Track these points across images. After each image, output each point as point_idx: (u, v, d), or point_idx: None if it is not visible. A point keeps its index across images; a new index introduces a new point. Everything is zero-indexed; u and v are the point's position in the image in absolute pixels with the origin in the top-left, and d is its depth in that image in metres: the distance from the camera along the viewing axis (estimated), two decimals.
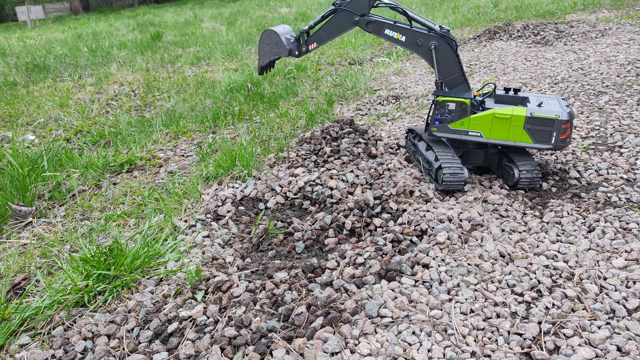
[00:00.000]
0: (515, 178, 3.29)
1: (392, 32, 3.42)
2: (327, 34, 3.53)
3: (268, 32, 3.61)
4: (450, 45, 3.31)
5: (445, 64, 3.37)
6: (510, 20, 9.57)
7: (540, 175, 3.35)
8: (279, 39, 3.55)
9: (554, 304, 2.28)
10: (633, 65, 5.65)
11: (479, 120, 3.27)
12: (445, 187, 3.31)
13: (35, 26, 25.32)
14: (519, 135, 3.22)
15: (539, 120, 3.15)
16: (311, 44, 3.58)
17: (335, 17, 3.47)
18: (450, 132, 3.40)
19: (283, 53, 3.61)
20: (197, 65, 9.78)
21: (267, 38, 3.65)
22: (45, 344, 2.33)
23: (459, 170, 3.26)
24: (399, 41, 3.42)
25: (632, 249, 2.59)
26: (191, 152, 4.90)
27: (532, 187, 3.34)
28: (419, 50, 3.39)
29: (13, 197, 3.92)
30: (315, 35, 3.55)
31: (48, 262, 3.07)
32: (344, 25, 3.47)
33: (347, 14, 3.43)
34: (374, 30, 3.44)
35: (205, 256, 2.91)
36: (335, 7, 3.46)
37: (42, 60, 11.23)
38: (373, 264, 2.65)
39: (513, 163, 3.34)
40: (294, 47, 3.62)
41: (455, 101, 3.32)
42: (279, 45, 3.58)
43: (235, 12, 19.39)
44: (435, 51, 3.33)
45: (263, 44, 3.66)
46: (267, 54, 3.65)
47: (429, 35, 3.32)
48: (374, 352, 2.06)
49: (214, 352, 2.12)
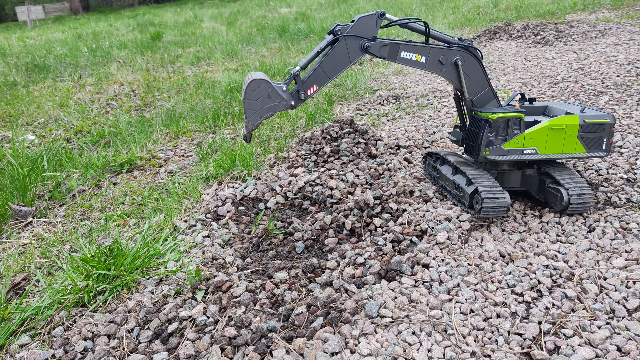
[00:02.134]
0: (565, 201, 2.88)
1: (409, 54, 2.88)
2: (330, 70, 2.83)
3: (256, 83, 2.68)
4: (477, 58, 2.96)
5: (474, 80, 2.99)
6: (510, 20, 9.57)
7: (592, 195, 2.99)
8: (272, 90, 2.72)
9: (554, 304, 2.28)
10: (633, 65, 5.65)
11: (534, 135, 2.92)
12: (485, 214, 2.86)
13: (35, 26, 25.32)
14: (573, 146, 2.94)
15: (591, 126, 2.91)
16: (309, 88, 2.82)
17: (337, 47, 2.79)
18: (505, 153, 2.95)
19: (280, 107, 2.78)
20: (197, 65, 9.78)
21: (254, 91, 2.70)
22: (45, 344, 2.33)
23: (499, 194, 2.83)
24: (418, 63, 2.92)
25: (632, 249, 2.59)
26: (191, 152, 4.90)
27: (584, 210, 2.94)
28: (442, 70, 2.95)
29: (13, 197, 3.92)
30: (314, 76, 2.81)
31: (48, 262, 3.07)
32: (350, 55, 2.83)
33: (353, 40, 2.80)
34: (388, 55, 2.86)
35: (205, 256, 2.91)
36: (335, 35, 2.80)
37: (42, 60, 11.23)
38: (373, 264, 2.65)
39: (559, 184, 2.95)
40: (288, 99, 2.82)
41: (511, 117, 2.91)
42: (273, 98, 2.73)
43: (235, 12, 19.39)
44: (462, 67, 2.94)
45: (250, 100, 2.70)
46: (258, 112, 2.72)
47: (452, 50, 2.90)
48: (374, 352, 2.06)
49: (214, 352, 2.12)
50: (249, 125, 2.80)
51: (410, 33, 8.86)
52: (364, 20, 2.79)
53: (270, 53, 10.26)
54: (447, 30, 9.58)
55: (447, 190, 3.31)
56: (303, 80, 2.81)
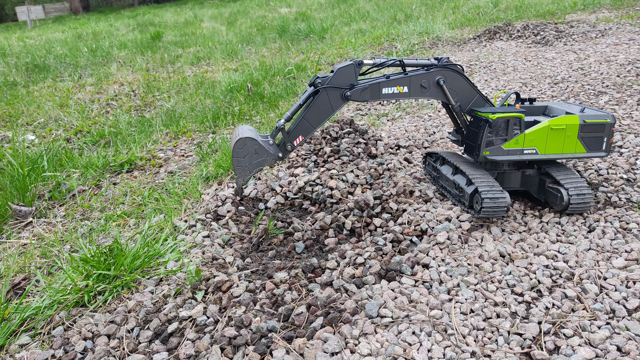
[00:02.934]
0: (565, 201, 2.89)
1: (390, 89, 2.93)
2: (313, 121, 2.87)
3: (242, 142, 2.76)
4: (457, 71, 2.99)
5: (460, 93, 3.04)
6: (510, 20, 9.57)
7: (592, 195, 2.99)
8: (258, 146, 2.78)
9: (554, 304, 2.28)
10: (633, 65, 5.65)
11: (534, 135, 2.93)
12: (485, 214, 2.87)
13: (35, 26, 25.32)
14: (573, 146, 2.95)
15: (591, 126, 2.92)
16: (295, 139, 2.86)
17: (319, 98, 2.83)
18: (505, 153, 2.96)
19: (268, 161, 2.84)
20: (197, 65, 9.78)
21: (241, 149, 2.78)
22: (45, 344, 2.33)
23: (499, 194, 2.84)
24: (402, 94, 2.95)
25: (632, 249, 2.59)
26: (191, 152, 4.90)
27: (584, 209, 2.95)
28: (427, 93, 2.98)
29: (13, 197, 3.92)
30: (299, 127, 2.85)
31: (48, 262, 3.07)
32: (332, 105, 2.87)
33: (333, 91, 2.84)
34: (371, 97, 2.92)
35: (205, 256, 2.91)
36: (315, 87, 2.84)
37: (42, 60, 11.23)
38: (373, 264, 2.65)
39: (559, 184, 2.96)
40: (276, 150, 2.88)
41: (510, 117, 2.92)
42: (260, 154, 2.79)
43: (235, 12, 19.39)
44: (445, 84, 2.97)
45: (238, 157, 2.79)
46: (247, 168, 2.81)
47: (431, 73, 2.94)
48: (374, 352, 2.06)
49: (214, 352, 2.12)
50: (239, 182, 2.88)
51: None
52: (342, 71, 2.84)
53: (270, 53, 10.26)
54: (447, 31, 9.59)
55: (447, 190, 3.30)
56: (288, 131, 2.86)
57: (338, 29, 11.78)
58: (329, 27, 12.07)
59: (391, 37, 9.87)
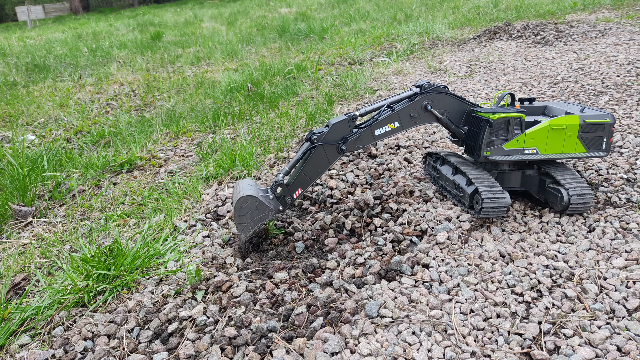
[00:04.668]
0: (565, 201, 2.90)
1: (382, 129, 2.99)
2: (311, 174, 2.93)
3: (243, 200, 2.80)
4: (441, 91, 3.03)
5: (452, 110, 3.08)
6: (510, 20, 9.57)
7: (592, 195, 3.00)
8: (259, 203, 2.83)
9: (554, 304, 2.28)
10: (633, 65, 5.65)
11: (535, 135, 2.94)
12: (485, 214, 2.87)
13: (35, 26, 25.33)
14: (573, 146, 2.96)
15: (591, 126, 2.93)
16: (294, 192, 2.93)
17: (316, 154, 2.89)
18: (506, 153, 2.97)
19: (270, 216, 2.87)
20: (197, 65, 9.78)
21: (243, 207, 2.82)
22: (45, 344, 2.33)
23: (499, 194, 2.85)
24: (394, 130, 3.02)
25: (632, 249, 2.59)
26: (191, 152, 4.90)
27: (583, 210, 2.96)
28: (418, 121, 3.04)
29: (13, 197, 3.92)
30: (297, 181, 2.91)
31: (48, 262, 3.07)
32: (329, 158, 2.93)
33: (329, 146, 2.90)
34: (365, 142, 2.98)
35: (205, 256, 2.91)
36: (312, 142, 2.89)
37: (42, 60, 11.23)
38: (373, 264, 2.65)
39: (559, 184, 2.97)
40: (276, 204, 2.94)
41: (511, 117, 2.93)
42: (261, 209, 2.84)
43: (235, 12, 19.39)
44: (434, 108, 3.02)
45: (240, 215, 2.83)
46: (249, 224, 2.85)
47: (416, 102, 2.99)
48: (374, 352, 2.06)
49: (214, 352, 2.12)
50: (242, 237, 2.90)
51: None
52: (336, 127, 2.89)
53: (270, 53, 10.26)
54: (447, 31, 9.59)
55: (447, 190, 3.31)
56: (288, 184, 2.93)
57: (338, 29, 11.78)
58: (329, 27, 12.08)
59: (391, 37, 9.87)
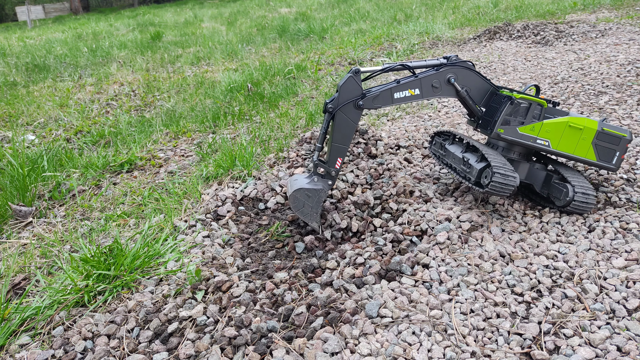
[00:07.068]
0: (569, 197, 2.89)
1: (402, 93, 2.93)
2: (342, 141, 2.93)
3: (293, 197, 2.91)
4: (467, 67, 2.98)
5: (473, 87, 3.04)
6: (510, 20, 9.57)
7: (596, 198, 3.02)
8: (307, 191, 2.92)
9: (554, 304, 2.28)
10: (633, 65, 5.65)
11: (551, 127, 2.94)
12: (493, 189, 2.79)
13: (35, 26, 25.33)
14: (585, 150, 2.96)
15: (608, 136, 2.95)
16: (335, 163, 2.96)
17: (338, 120, 2.89)
18: (519, 136, 2.96)
19: (323, 195, 2.96)
20: (197, 65, 9.78)
21: (296, 203, 2.94)
22: (45, 344, 2.33)
23: (510, 172, 2.79)
24: (414, 97, 2.96)
25: (632, 249, 2.59)
26: (191, 152, 4.91)
27: (584, 211, 2.96)
28: (439, 93, 2.99)
29: (13, 197, 3.92)
30: (333, 152, 2.93)
31: (48, 262, 3.07)
32: (351, 120, 2.91)
33: (346, 107, 2.88)
34: (383, 103, 2.93)
35: (205, 256, 2.91)
36: (329, 112, 2.89)
37: (42, 60, 11.23)
38: (373, 264, 2.65)
39: (566, 180, 2.97)
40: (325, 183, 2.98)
41: (532, 100, 2.93)
42: (312, 196, 2.93)
43: (235, 12, 19.39)
44: (456, 82, 2.98)
45: (299, 210, 2.95)
46: (311, 213, 2.97)
47: (441, 72, 2.95)
48: (374, 352, 2.06)
49: (214, 352, 2.12)
50: (315, 226, 3.04)
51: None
52: (345, 87, 2.86)
53: (270, 53, 10.26)
54: (447, 31, 9.59)
55: (453, 168, 3.29)
56: (325, 161, 2.99)
57: (338, 29, 11.78)
58: (329, 27, 12.07)
59: (391, 37, 9.87)
